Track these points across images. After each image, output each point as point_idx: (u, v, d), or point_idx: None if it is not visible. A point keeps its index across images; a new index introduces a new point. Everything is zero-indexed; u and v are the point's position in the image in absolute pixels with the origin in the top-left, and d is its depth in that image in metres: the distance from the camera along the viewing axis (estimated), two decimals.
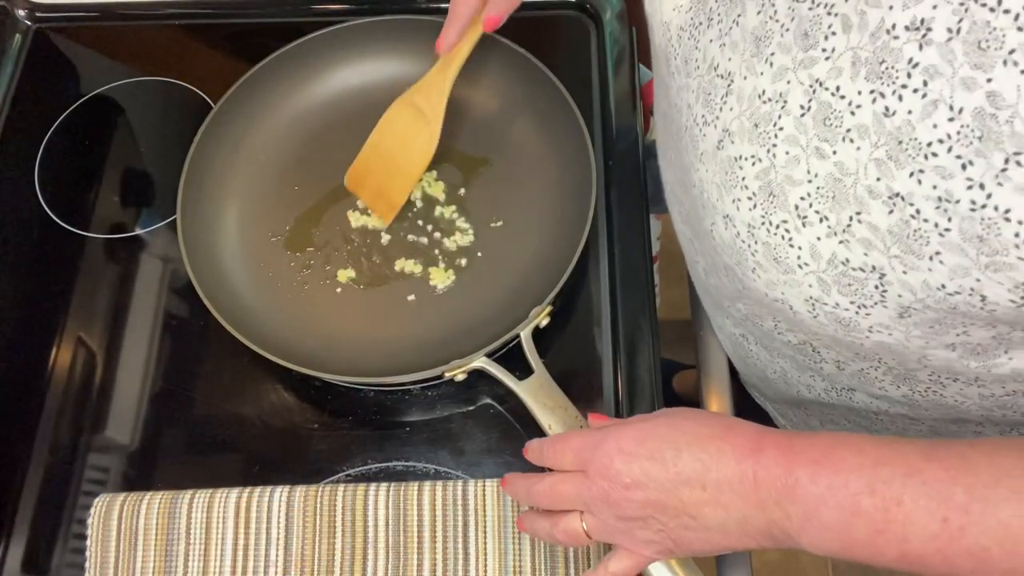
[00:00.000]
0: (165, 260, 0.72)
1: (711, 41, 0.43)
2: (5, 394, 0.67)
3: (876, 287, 0.38)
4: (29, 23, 0.84)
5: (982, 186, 0.31)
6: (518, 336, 0.62)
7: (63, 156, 0.77)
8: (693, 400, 0.66)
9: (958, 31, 0.31)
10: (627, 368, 0.65)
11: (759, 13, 0.39)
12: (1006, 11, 0.29)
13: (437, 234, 0.70)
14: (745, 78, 0.40)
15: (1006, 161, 0.30)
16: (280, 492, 0.60)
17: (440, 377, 0.62)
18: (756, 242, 0.41)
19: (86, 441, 0.65)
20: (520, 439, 0.63)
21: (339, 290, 0.68)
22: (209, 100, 0.78)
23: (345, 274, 0.69)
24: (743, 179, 0.41)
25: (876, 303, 0.39)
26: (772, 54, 0.38)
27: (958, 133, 0.31)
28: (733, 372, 0.68)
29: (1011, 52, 0.29)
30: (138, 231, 0.73)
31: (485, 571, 0.57)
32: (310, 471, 0.63)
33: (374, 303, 0.68)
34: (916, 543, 0.36)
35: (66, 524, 0.62)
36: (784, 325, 0.49)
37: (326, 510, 0.59)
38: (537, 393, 0.60)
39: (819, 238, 0.38)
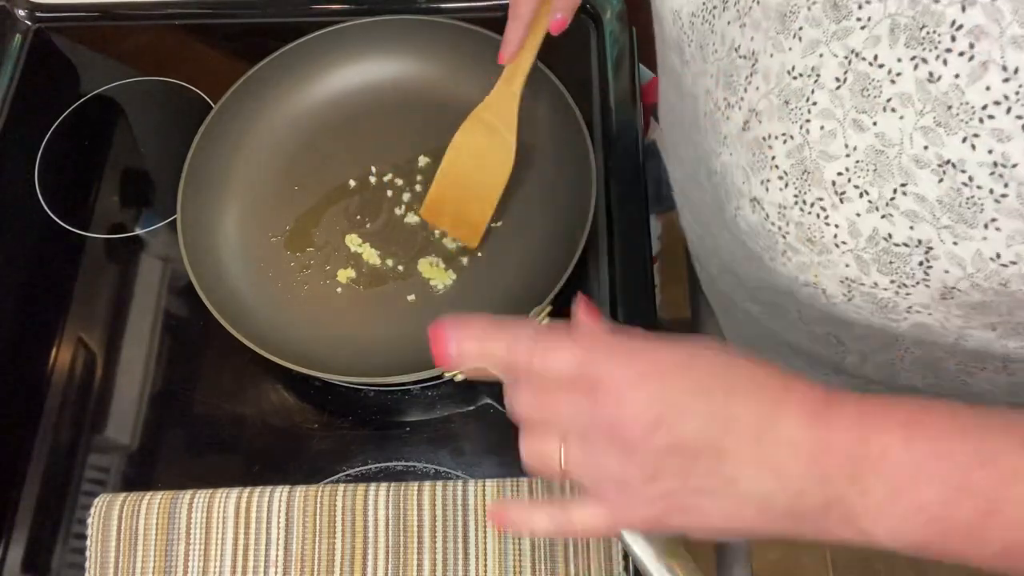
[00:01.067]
0: (165, 260, 0.72)
1: (729, 23, 0.42)
2: (5, 394, 0.67)
3: (920, 263, 0.36)
4: (29, 23, 0.84)
5: None
6: None
7: (63, 156, 0.77)
8: None
9: None
10: None
11: None
12: None
13: (437, 234, 0.70)
14: (772, 56, 0.39)
15: None
16: (280, 492, 0.60)
17: (440, 377, 0.62)
18: (788, 223, 0.40)
19: (86, 441, 0.65)
20: None
21: (339, 290, 0.68)
22: (209, 100, 0.78)
23: (345, 274, 0.69)
24: (773, 158, 0.39)
25: (918, 282, 0.37)
26: (800, 28, 0.37)
27: (1016, 93, 0.30)
28: None
29: None
30: (138, 231, 0.73)
31: (485, 571, 0.57)
32: (310, 471, 0.63)
33: (374, 303, 0.68)
34: None
35: (66, 524, 0.62)
36: (810, 314, 0.47)
37: (326, 510, 0.59)
38: None
39: (859, 214, 0.37)
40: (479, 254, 0.69)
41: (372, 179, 0.73)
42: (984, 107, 0.31)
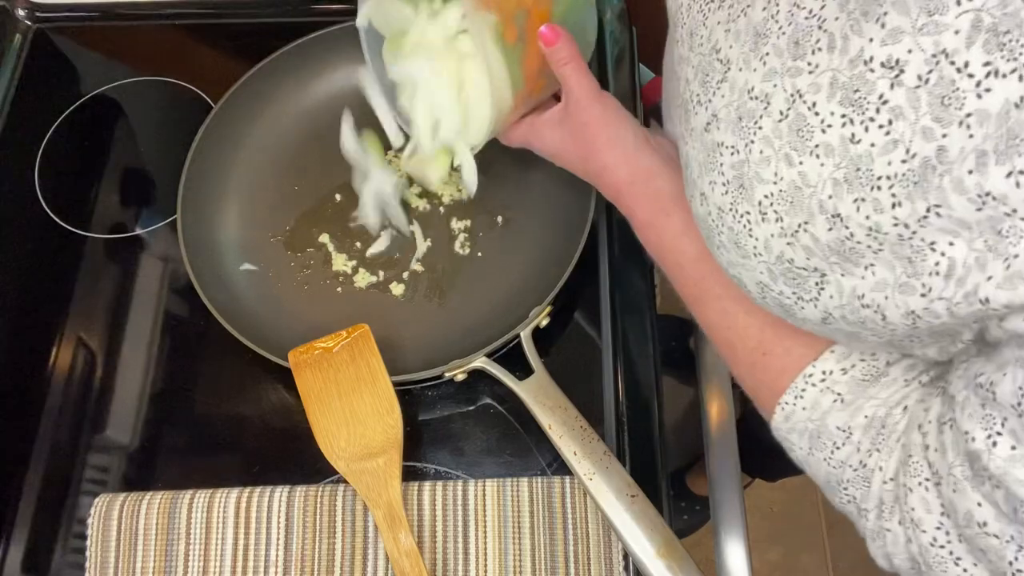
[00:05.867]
0: (165, 260, 0.72)
1: (719, 23, 0.44)
2: (5, 394, 0.67)
3: (816, 283, 0.40)
4: (29, 23, 0.84)
5: (907, 225, 0.33)
6: (518, 336, 0.62)
7: (63, 156, 0.77)
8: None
9: (927, 81, 0.32)
10: (627, 368, 0.65)
11: (764, 9, 0.40)
12: (970, 75, 0.30)
13: (438, 234, 0.70)
14: (740, 70, 0.41)
15: (927, 210, 0.32)
16: (280, 492, 0.60)
17: (440, 377, 0.62)
18: (723, 225, 0.43)
19: (86, 441, 0.65)
20: (520, 439, 0.63)
21: (339, 290, 0.68)
22: (209, 100, 0.78)
23: (345, 273, 0.69)
24: (721, 165, 0.42)
25: (812, 299, 0.41)
26: (767, 54, 0.40)
27: (903, 175, 0.33)
28: None
29: (968, 115, 0.31)
30: (138, 231, 0.73)
31: (485, 571, 0.57)
32: (310, 471, 0.63)
33: (374, 303, 0.68)
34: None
35: (66, 524, 0.62)
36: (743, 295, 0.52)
37: (326, 510, 0.59)
38: (537, 393, 0.60)
39: (772, 235, 0.40)
40: (479, 254, 0.69)
41: None
42: (879, 178, 0.34)
